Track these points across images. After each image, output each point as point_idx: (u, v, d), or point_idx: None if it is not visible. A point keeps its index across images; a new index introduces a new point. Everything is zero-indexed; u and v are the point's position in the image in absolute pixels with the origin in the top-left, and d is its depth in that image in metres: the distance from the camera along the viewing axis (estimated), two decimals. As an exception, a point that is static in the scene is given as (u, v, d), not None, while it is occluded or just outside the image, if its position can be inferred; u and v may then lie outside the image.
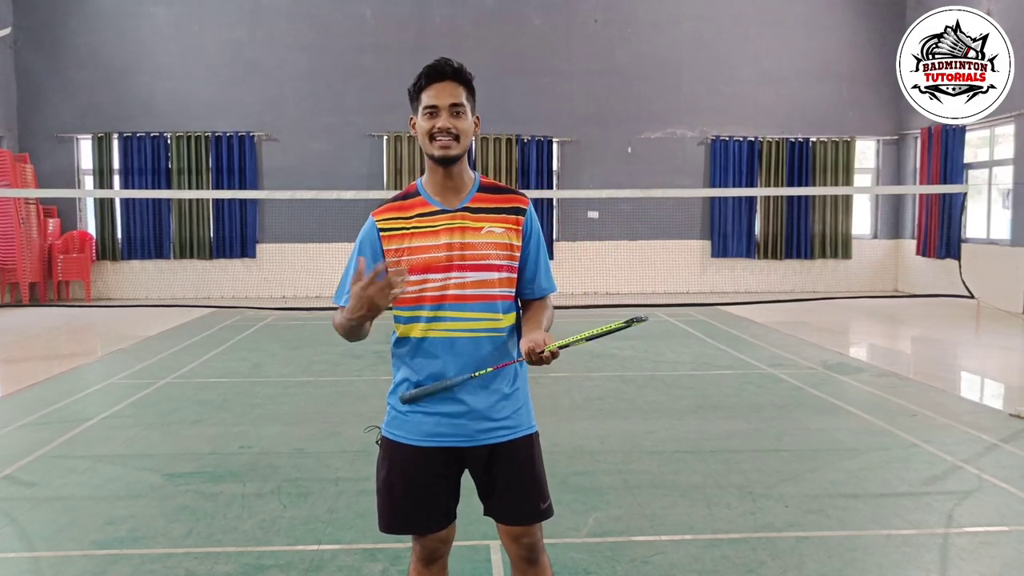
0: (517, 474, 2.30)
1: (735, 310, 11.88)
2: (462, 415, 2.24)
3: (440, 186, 2.32)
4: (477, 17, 14.00)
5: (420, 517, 2.31)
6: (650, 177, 13.74)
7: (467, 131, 2.27)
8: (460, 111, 2.26)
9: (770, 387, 6.79)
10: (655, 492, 4.27)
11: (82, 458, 4.92)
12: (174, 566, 3.40)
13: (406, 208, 2.32)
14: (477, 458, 2.28)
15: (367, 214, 2.42)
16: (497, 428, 2.27)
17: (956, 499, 4.29)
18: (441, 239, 2.25)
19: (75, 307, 12.62)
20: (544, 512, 2.32)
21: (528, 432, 2.33)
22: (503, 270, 2.27)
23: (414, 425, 2.28)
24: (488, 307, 2.26)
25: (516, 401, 2.31)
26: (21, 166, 12.65)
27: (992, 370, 8.01)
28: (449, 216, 2.27)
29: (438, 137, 2.24)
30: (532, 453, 2.33)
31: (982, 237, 12.84)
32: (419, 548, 2.37)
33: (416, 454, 2.28)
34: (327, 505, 4.09)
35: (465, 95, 2.28)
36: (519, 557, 2.34)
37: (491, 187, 2.35)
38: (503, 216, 2.30)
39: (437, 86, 2.26)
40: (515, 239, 2.30)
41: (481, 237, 2.26)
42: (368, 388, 6.81)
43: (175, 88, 13.74)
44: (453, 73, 2.27)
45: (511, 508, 2.31)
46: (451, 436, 2.26)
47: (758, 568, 3.37)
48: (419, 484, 2.29)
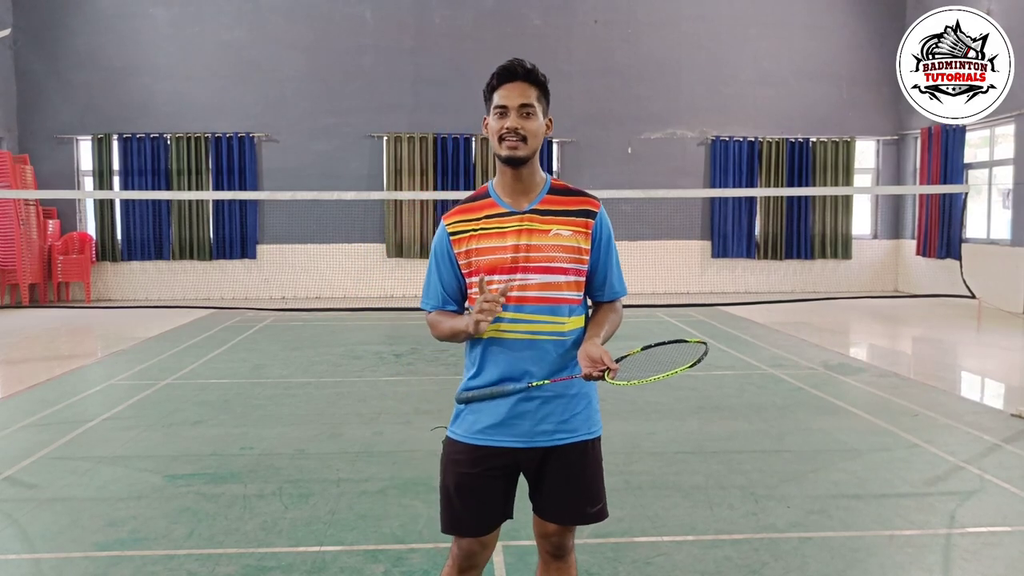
0: (568, 477, 2.29)
1: (735, 310, 11.88)
2: (521, 416, 2.24)
3: (509, 187, 2.30)
4: (477, 17, 14.00)
5: (471, 516, 2.29)
6: (650, 178, 13.74)
7: (536, 132, 2.25)
8: (530, 112, 2.23)
9: (771, 388, 6.78)
10: (657, 493, 4.27)
11: (83, 459, 4.92)
12: (175, 567, 3.39)
13: (475, 210, 2.31)
14: (531, 459, 2.28)
15: (367, 215, 2.42)
16: (555, 431, 2.26)
17: (958, 499, 4.28)
18: (508, 241, 2.24)
19: (75, 308, 12.62)
20: (593, 515, 2.32)
21: (586, 437, 2.31)
22: (570, 273, 2.25)
23: (471, 424, 2.28)
24: (551, 310, 2.24)
25: (576, 405, 2.29)
26: (21, 167, 12.65)
27: (993, 370, 8.00)
28: (517, 218, 2.26)
29: (506, 138, 2.22)
30: (586, 457, 2.31)
31: (982, 237, 12.84)
32: (457, 551, 2.35)
33: (470, 452, 2.27)
34: (329, 506, 4.08)
35: (536, 96, 2.25)
36: (546, 551, 2.36)
37: (562, 189, 2.33)
38: (572, 219, 2.28)
39: (508, 86, 2.24)
40: (584, 242, 2.28)
41: (548, 239, 2.24)
42: (369, 389, 6.80)
43: (175, 89, 13.73)
44: (525, 74, 2.24)
45: (556, 508, 2.30)
46: (507, 436, 2.25)
47: (760, 569, 3.36)
48: (472, 483, 2.28)
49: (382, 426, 5.59)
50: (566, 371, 2.26)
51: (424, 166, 13.81)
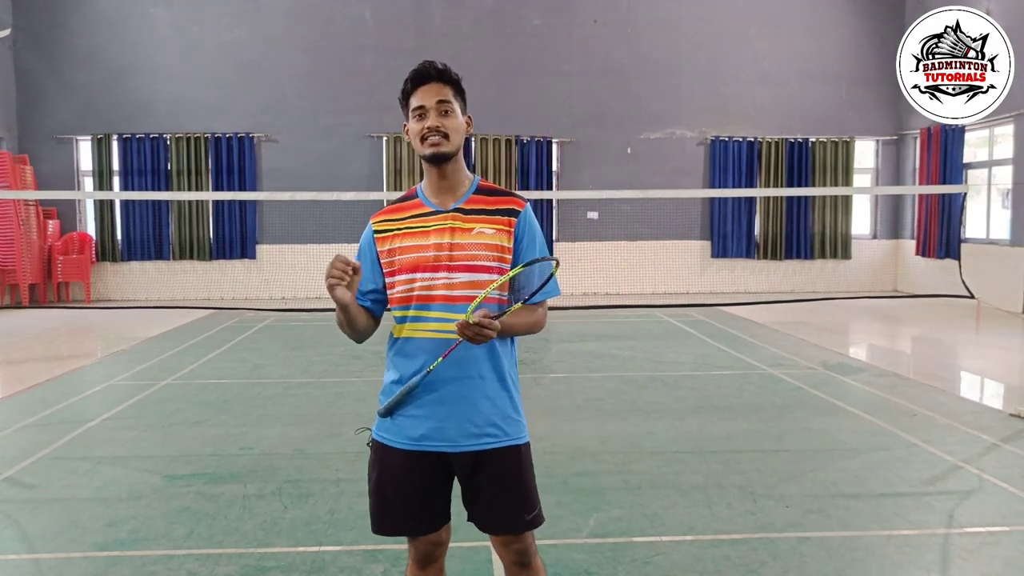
0: (501, 484, 2.26)
1: (735, 310, 11.88)
2: (447, 418, 2.22)
3: (436, 187, 2.31)
4: (477, 17, 14.01)
5: (409, 519, 2.30)
6: (650, 178, 13.75)
7: (457, 129, 2.27)
8: (448, 109, 2.26)
9: (770, 387, 6.79)
10: (656, 492, 4.27)
11: (83, 460, 4.92)
12: (175, 568, 3.40)
13: (402, 210, 2.33)
14: (462, 464, 2.26)
15: (367, 215, 2.42)
16: (482, 435, 2.24)
17: (957, 499, 4.29)
18: (431, 239, 2.24)
19: (75, 308, 12.62)
20: (528, 523, 2.28)
21: (515, 442, 2.28)
22: (494, 272, 2.23)
23: (401, 429, 2.27)
24: None
25: (503, 409, 2.27)
26: (21, 167, 12.65)
27: (992, 370, 8.01)
28: (441, 217, 2.27)
29: (428, 136, 2.24)
30: (519, 463, 2.28)
31: (981, 237, 12.85)
32: (413, 550, 2.36)
33: (403, 458, 2.26)
34: (328, 506, 4.09)
35: (452, 93, 2.28)
36: (510, 562, 2.34)
37: (488, 189, 2.34)
38: (495, 218, 2.27)
39: (423, 88, 2.27)
40: (506, 241, 2.26)
41: (471, 238, 2.24)
42: (368, 389, 6.81)
43: (174, 89, 13.74)
44: (438, 74, 2.27)
45: (492, 517, 2.28)
46: (437, 441, 2.23)
47: (759, 568, 3.37)
48: (407, 487, 2.27)
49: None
50: (503, 361, 2.25)
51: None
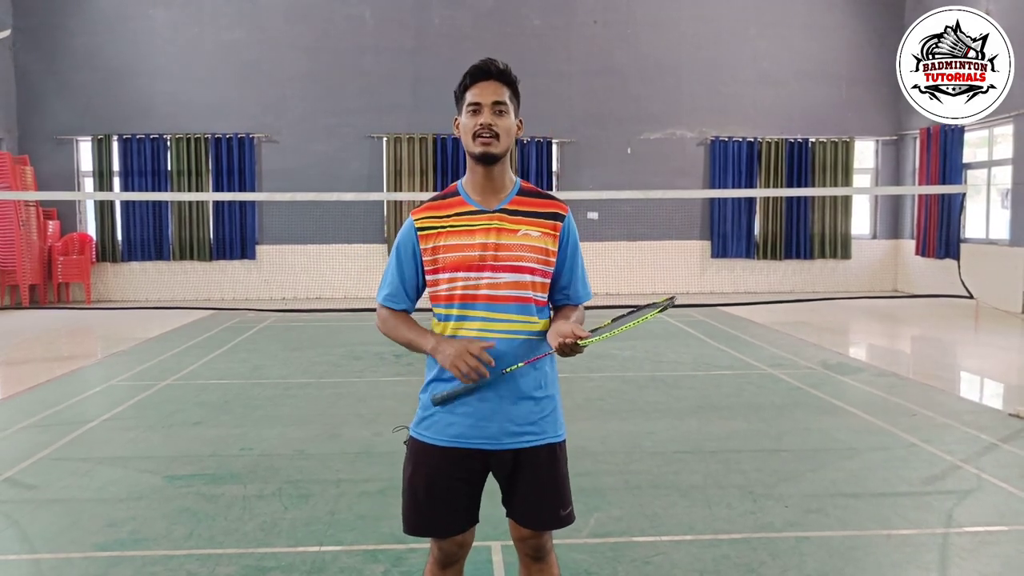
0: (539, 481, 2.30)
1: (735, 310, 11.89)
2: (489, 418, 2.24)
3: (480, 186, 2.31)
4: (476, 18, 14.01)
5: (441, 519, 2.30)
6: (650, 178, 13.74)
7: (509, 130, 2.27)
8: (503, 110, 2.26)
9: (770, 387, 6.79)
10: (656, 492, 4.28)
11: (83, 460, 4.93)
12: (175, 568, 3.40)
13: (444, 207, 2.32)
14: (502, 462, 2.28)
15: (367, 215, 2.43)
16: (523, 433, 2.27)
17: (956, 498, 4.30)
18: (476, 239, 2.25)
19: (75, 309, 12.63)
20: (564, 519, 2.33)
21: (553, 440, 2.32)
22: (537, 273, 2.27)
23: (441, 427, 2.28)
24: (523, 309, 2.26)
25: (544, 407, 2.31)
26: (21, 168, 12.66)
27: (991, 370, 8.01)
28: (487, 216, 2.27)
29: (480, 134, 2.24)
30: (556, 461, 2.33)
31: (981, 237, 12.85)
32: (437, 551, 2.37)
33: (441, 455, 2.27)
34: (328, 507, 4.10)
35: (509, 95, 2.28)
36: (525, 554, 2.38)
37: (531, 191, 2.35)
38: (540, 220, 2.29)
39: (481, 84, 2.27)
40: (551, 244, 2.29)
41: (517, 239, 2.25)
42: (368, 389, 6.81)
43: (174, 90, 13.74)
44: (498, 73, 2.27)
45: (530, 513, 2.32)
46: (477, 439, 2.25)
47: (759, 568, 3.37)
48: (442, 486, 2.28)
49: (382, 426, 5.59)
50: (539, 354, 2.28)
51: (424, 167, 13.83)
